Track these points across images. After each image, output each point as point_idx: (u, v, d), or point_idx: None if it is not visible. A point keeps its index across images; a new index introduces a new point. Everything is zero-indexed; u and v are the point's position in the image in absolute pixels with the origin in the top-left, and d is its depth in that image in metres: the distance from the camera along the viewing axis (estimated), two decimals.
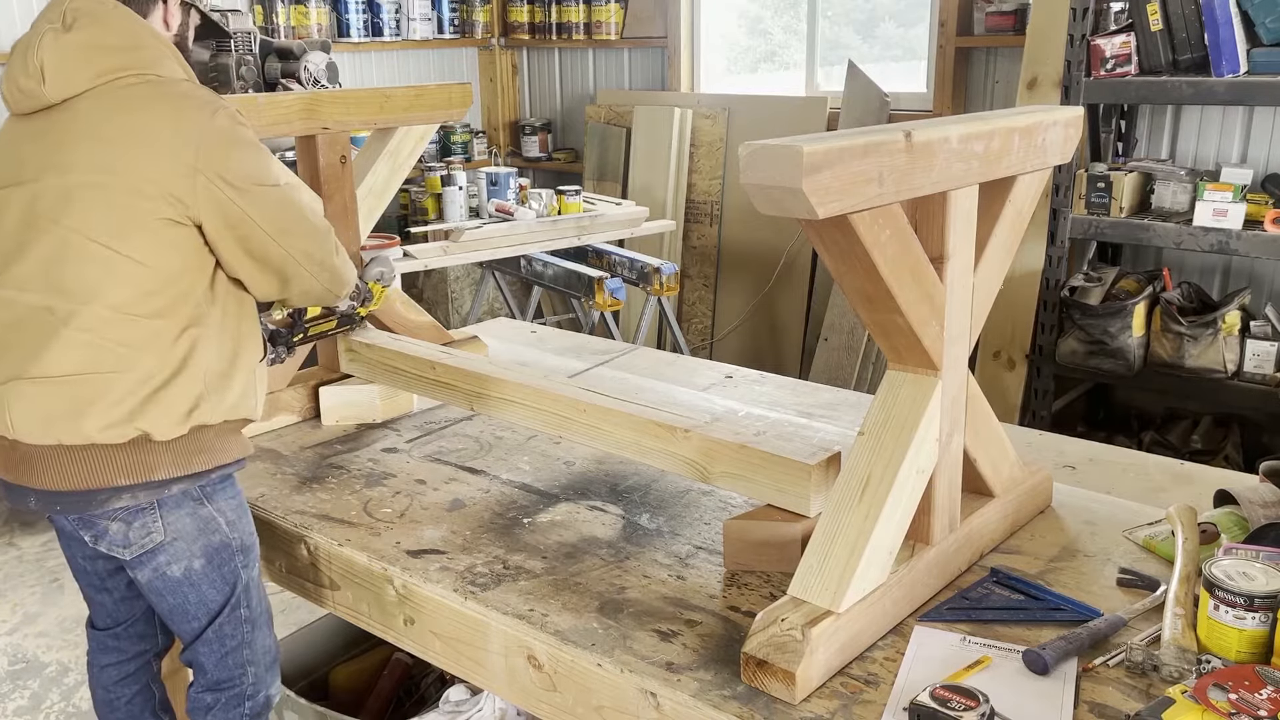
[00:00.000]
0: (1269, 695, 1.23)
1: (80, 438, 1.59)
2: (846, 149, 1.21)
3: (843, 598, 1.40)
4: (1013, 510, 1.78)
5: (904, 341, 1.50)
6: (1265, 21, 3.34)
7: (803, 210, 1.19)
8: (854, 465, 1.50)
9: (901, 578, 1.52)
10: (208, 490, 1.72)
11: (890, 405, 1.53)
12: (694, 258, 5.44)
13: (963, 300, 1.55)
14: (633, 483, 2.02)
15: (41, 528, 3.78)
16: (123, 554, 1.69)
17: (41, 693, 2.82)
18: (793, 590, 1.45)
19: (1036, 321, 3.85)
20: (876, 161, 1.26)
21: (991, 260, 1.62)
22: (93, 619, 1.96)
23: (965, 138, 1.42)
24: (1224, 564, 1.40)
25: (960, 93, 4.56)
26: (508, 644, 1.59)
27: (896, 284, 1.40)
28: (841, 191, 1.22)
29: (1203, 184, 3.44)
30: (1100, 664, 1.41)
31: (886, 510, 1.45)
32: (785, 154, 1.17)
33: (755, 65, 5.69)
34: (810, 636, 1.36)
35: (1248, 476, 1.96)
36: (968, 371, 1.61)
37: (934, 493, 1.56)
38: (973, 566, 1.68)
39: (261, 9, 5.00)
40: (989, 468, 1.72)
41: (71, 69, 1.60)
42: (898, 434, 1.49)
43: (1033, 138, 1.57)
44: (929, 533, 1.58)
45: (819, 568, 1.44)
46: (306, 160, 2.26)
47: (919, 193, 1.37)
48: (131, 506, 1.65)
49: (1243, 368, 3.50)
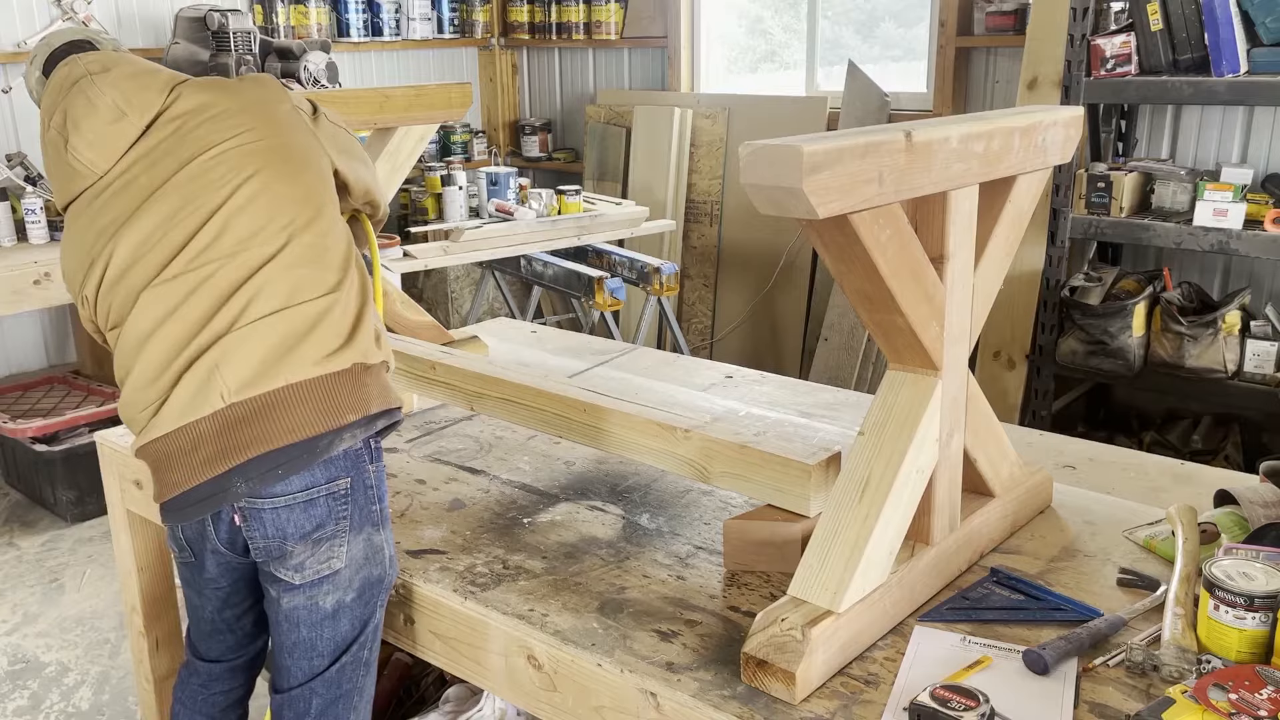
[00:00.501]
0: (1269, 695, 1.23)
1: (305, 372, 1.56)
2: (846, 149, 1.21)
3: (843, 598, 1.40)
4: (1013, 510, 1.78)
5: (904, 341, 1.50)
6: (1265, 21, 3.34)
7: (803, 210, 1.19)
8: (854, 465, 1.50)
9: (901, 578, 1.51)
10: (377, 476, 1.67)
11: (890, 405, 1.52)
12: (694, 258, 5.44)
13: (963, 300, 1.55)
14: (633, 483, 2.02)
15: (41, 527, 3.78)
16: (293, 578, 1.61)
17: (41, 693, 2.82)
18: (793, 590, 1.45)
19: (1037, 321, 3.85)
20: (876, 161, 1.26)
21: (992, 260, 1.62)
22: (200, 650, 1.85)
23: (965, 138, 1.41)
24: (1224, 564, 1.40)
25: (960, 93, 4.56)
26: (508, 644, 1.59)
27: (897, 284, 1.40)
28: (841, 191, 1.22)
29: (1203, 184, 3.44)
30: (1100, 664, 1.41)
31: (886, 510, 1.44)
32: (785, 154, 1.17)
33: (755, 65, 5.69)
34: (810, 637, 1.36)
35: (1248, 476, 1.96)
36: (968, 371, 1.61)
37: (934, 493, 1.56)
38: (973, 566, 1.68)
39: (261, 9, 5.00)
40: (989, 467, 1.72)
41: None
42: (898, 434, 1.49)
43: (1033, 138, 1.57)
44: (929, 533, 1.58)
45: (819, 568, 1.44)
46: None
47: (919, 192, 1.37)
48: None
49: (1243, 368, 3.50)
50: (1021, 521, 1.81)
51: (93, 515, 3.80)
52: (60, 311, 4.58)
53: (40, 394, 4.24)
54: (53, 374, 4.46)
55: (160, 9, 4.66)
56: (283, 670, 1.68)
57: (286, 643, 1.66)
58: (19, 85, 4.25)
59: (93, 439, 2.41)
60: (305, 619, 1.63)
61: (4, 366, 4.51)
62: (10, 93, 4.25)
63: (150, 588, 2.35)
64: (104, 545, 3.59)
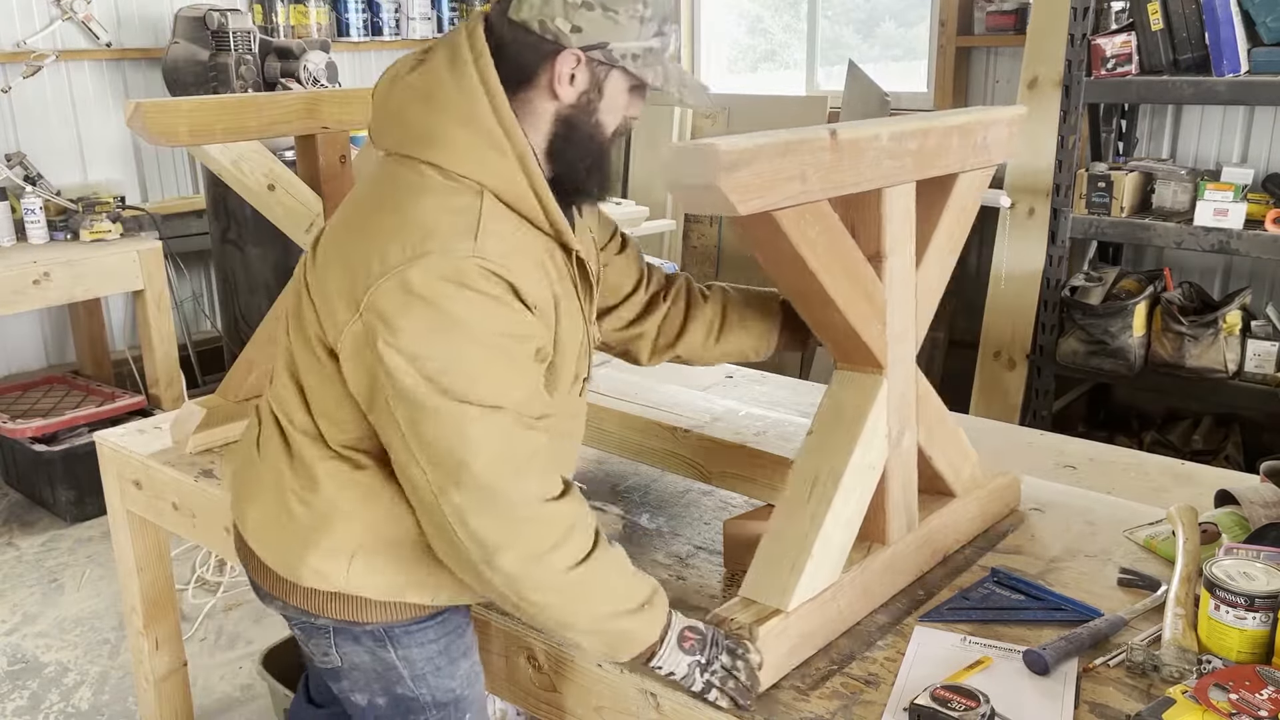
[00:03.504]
0: (1270, 695, 1.23)
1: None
2: (765, 147, 1.22)
3: (790, 597, 1.41)
4: (977, 511, 1.78)
5: (846, 340, 1.51)
6: (1266, 21, 3.34)
7: (724, 207, 1.20)
8: (802, 465, 1.51)
9: (855, 577, 1.51)
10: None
11: (837, 404, 1.54)
12: (694, 257, 5.43)
13: (904, 298, 1.55)
14: (633, 483, 2.02)
15: (41, 527, 3.78)
16: (311, 661, 1.52)
17: (41, 693, 2.82)
18: (744, 590, 1.46)
19: (1037, 321, 3.84)
20: (798, 159, 1.26)
21: (935, 258, 1.62)
22: (310, 689, 1.81)
23: (897, 136, 1.41)
24: (1225, 564, 1.40)
25: (960, 92, 4.56)
26: (508, 644, 1.58)
27: (830, 281, 1.40)
28: (763, 189, 1.22)
29: (1203, 183, 3.43)
30: (1101, 664, 1.41)
31: (834, 509, 1.45)
32: (703, 153, 1.18)
33: (755, 65, 5.69)
34: (759, 635, 1.36)
35: (1248, 476, 1.95)
36: (916, 369, 1.61)
37: (888, 492, 1.56)
38: (973, 567, 1.68)
39: (261, 8, 5.00)
40: (947, 467, 1.71)
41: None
42: (845, 432, 1.50)
43: (972, 136, 1.56)
44: (885, 532, 1.58)
45: (768, 567, 1.45)
46: (306, 160, 2.25)
47: (847, 190, 1.37)
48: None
49: (1243, 367, 3.49)
50: (988, 522, 1.81)
51: (92, 515, 3.79)
52: (59, 311, 4.58)
53: (40, 394, 4.23)
54: (52, 374, 4.46)
55: (160, 9, 4.66)
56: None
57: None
58: (19, 85, 4.25)
59: (92, 439, 2.40)
60: (350, 710, 1.53)
61: (3, 366, 4.50)
62: (10, 92, 4.25)
63: (150, 588, 2.35)
64: (104, 545, 3.58)
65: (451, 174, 1.30)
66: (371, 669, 1.46)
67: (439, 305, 1.23)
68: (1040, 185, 3.81)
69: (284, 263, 4.13)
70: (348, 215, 1.39)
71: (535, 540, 1.26)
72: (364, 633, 1.43)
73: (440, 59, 1.33)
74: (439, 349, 1.23)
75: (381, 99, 1.39)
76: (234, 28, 4.29)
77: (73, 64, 4.46)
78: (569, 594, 1.29)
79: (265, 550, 1.44)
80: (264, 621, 3.06)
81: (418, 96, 1.33)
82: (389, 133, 1.37)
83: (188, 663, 2.50)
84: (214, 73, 4.27)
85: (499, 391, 1.26)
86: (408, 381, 1.23)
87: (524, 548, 1.26)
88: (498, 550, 1.25)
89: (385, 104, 1.38)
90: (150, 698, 2.45)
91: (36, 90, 4.35)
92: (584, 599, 1.30)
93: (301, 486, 1.39)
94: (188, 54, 4.34)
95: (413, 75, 1.35)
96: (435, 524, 1.28)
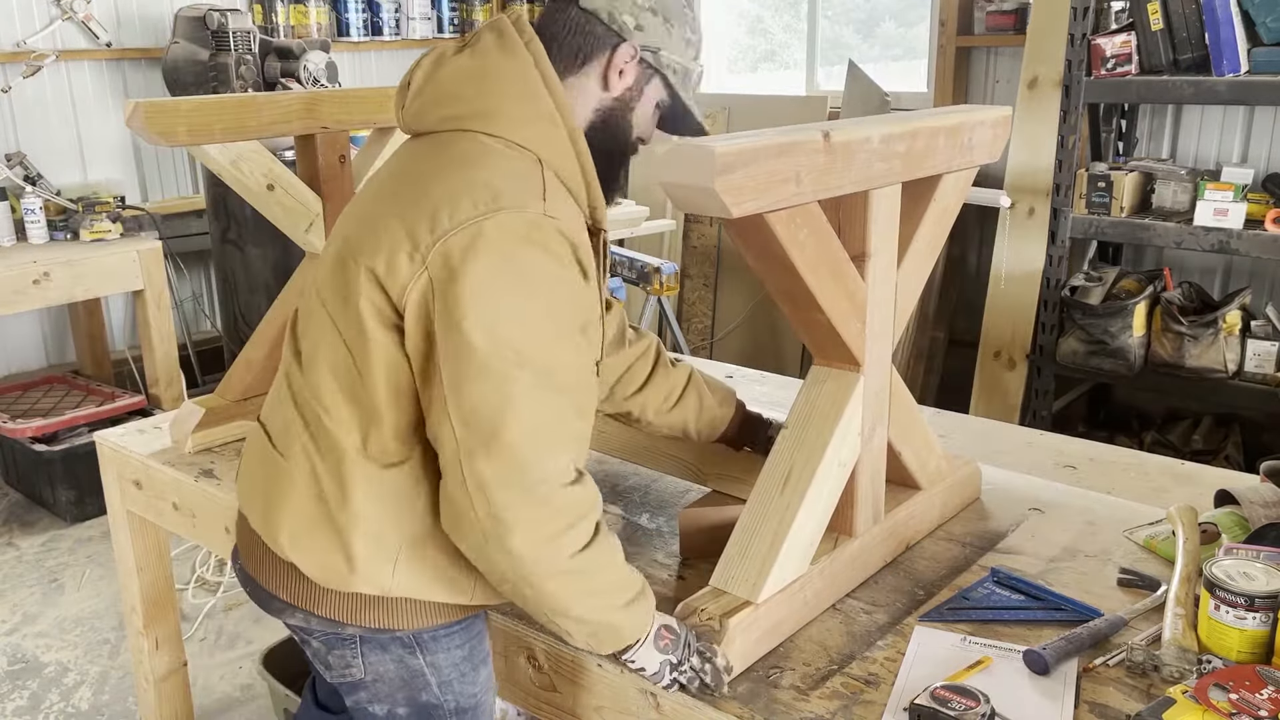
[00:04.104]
0: (1270, 695, 1.23)
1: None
2: (761, 149, 1.21)
3: (761, 588, 1.42)
4: (940, 502, 1.80)
5: (826, 338, 1.51)
6: (1266, 21, 3.34)
7: (717, 209, 1.19)
8: (776, 459, 1.52)
9: (823, 569, 1.53)
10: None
11: (813, 400, 1.54)
12: (694, 257, 5.43)
13: (885, 298, 1.56)
14: (633, 483, 2.02)
15: (41, 527, 3.78)
16: (327, 674, 1.48)
17: (41, 693, 2.82)
18: (714, 581, 1.47)
19: (1037, 321, 3.84)
20: (793, 161, 1.26)
21: (916, 258, 1.62)
22: (318, 694, 1.79)
23: (887, 138, 1.41)
24: (1225, 564, 1.40)
25: (961, 92, 4.56)
26: (508, 644, 1.58)
27: (816, 282, 1.40)
28: (757, 191, 1.22)
29: (1203, 183, 3.43)
30: (1101, 664, 1.41)
31: (807, 503, 1.46)
32: (699, 154, 1.17)
33: (755, 65, 5.69)
34: (728, 626, 1.38)
35: (1248, 476, 1.95)
36: (891, 367, 1.63)
37: (856, 486, 1.57)
38: (973, 567, 1.68)
39: (261, 8, 5.00)
40: (914, 461, 1.73)
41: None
42: (820, 428, 1.51)
43: (958, 138, 1.57)
44: (852, 525, 1.60)
45: (739, 559, 1.46)
46: (306, 160, 2.25)
47: (839, 192, 1.37)
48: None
49: (1243, 367, 3.50)
50: (950, 513, 1.84)
51: (92, 515, 3.79)
52: (59, 311, 4.58)
53: (40, 394, 4.23)
54: (52, 374, 4.46)
55: (160, 9, 4.66)
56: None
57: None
58: (19, 85, 4.25)
59: (92, 439, 2.40)
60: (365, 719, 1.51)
61: (3, 366, 4.50)
62: (10, 92, 4.25)
63: (150, 588, 2.35)
64: (104, 545, 3.58)
65: (512, 143, 1.31)
66: (397, 677, 1.44)
67: (512, 258, 1.23)
68: (1040, 185, 3.81)
69: (284, 263, 4.13)
70: (394, 186, 1.35)
71: (548, 523, 1.25)
72: (393, 640, 1.41)
73: (489, 42, 1.36)
74: (504, 301, 1.23)
75: (425, 80, 1.39)
76: (234, 28, 4.29)
77: (73, 64, 4.46)
78: (570, 580, 1.28)
79: (305, 559, 1.36)
80: (264, 621, 3.06)
81: (471, 76, 1.35)
82: (434, 110, 1.37)
83: (188, 663, 2.50)
84: (214, 73, 4.27)
85: (549, 355, 1.26)
86: (465, 326, 1.22)
87: (537, 530, 1.25)
88: (510, 530, 1.23)
89: (431, 84, 1.38)
90: (150, 698, 2.45)
91: (36, 90, 4.35)
92: (583, 586, 1.30)
93: (338, 490, 1.35)
94: (188, 54, 4.34)
95: (460, 57, 1.37)
96: (452, 490, 1.26)
